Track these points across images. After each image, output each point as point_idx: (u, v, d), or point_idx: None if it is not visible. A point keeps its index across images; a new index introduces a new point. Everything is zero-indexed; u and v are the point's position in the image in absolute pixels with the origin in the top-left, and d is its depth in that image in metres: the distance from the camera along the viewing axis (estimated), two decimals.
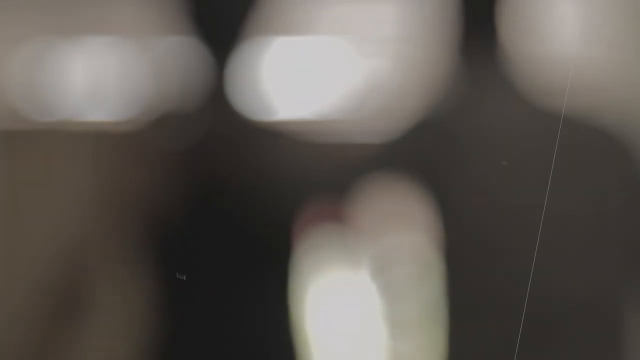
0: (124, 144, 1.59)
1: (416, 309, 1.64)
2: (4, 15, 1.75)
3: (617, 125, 1.58)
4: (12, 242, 1.73)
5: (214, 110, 1.59)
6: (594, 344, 2.26)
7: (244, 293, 2.60)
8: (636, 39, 1.67)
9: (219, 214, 2.77)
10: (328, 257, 1.68)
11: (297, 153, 1.66)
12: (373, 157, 1.63)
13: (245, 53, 1.57)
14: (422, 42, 1.61)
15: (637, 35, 1.67)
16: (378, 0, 2.14)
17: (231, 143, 1.60)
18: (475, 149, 1.65)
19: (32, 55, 1.77)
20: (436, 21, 1.53)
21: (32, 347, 1.60)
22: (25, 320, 1.58)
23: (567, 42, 1.66)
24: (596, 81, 1.58)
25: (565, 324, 2.16)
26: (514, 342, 2.15)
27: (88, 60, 1.78)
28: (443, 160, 1.62)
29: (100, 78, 1.78)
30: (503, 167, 2.50)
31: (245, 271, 2.87)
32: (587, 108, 1.53)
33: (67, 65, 1.78)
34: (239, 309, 2.53)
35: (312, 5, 1.97)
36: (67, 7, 1.76)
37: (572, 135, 1.86)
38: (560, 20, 1.62)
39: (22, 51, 1.77)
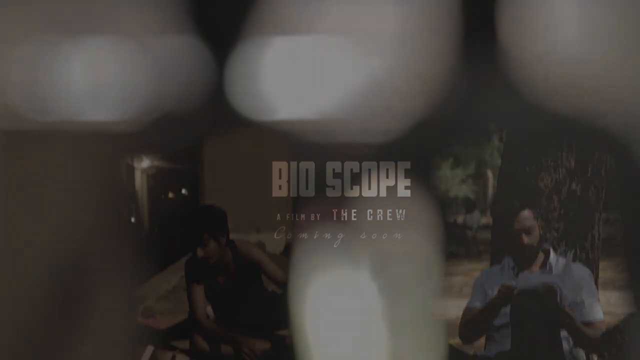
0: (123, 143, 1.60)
1: (416, 308, 1.64)
2: (3, 14, 1.75)
3: (617, 124, 1.58)
4: (12, 242, 1.73)
5: (214, 109, 1.59)
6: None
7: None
8: (636, 38, 1.67)
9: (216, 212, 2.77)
10: (328, 257, 1.68)
11: (298, 152, 1.66)
12: (373, 157, 1.63)
13: (245, 52, 1.57)
14: (423, 41, 1.61)
15: (637, 35, 1.67)
16: None
17: (230, 142, 1.60)
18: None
19: (32, 55, 1.77)
20: (436, 21, 1.53)
21: (31, 347, 1.60)
22: (25, 319, 1.58)
23: (567, 42, 1.66)
24: (596, 81, 1.58)
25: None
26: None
27: (88, 60, 1.78)
28: (443, 158, 1.63)
29: (100, 78, 1.78)
30: (502, 166, 2.50)
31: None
32: (587, 108, 1.53)
33: (67, 65, 1.78)
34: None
35: (312, 5, 1.97)
36: (67, 6, 1.76)
37: (572, 134, 1.86)
38: (560, 20, 1.62)
39: (22, 51, 1.77)
